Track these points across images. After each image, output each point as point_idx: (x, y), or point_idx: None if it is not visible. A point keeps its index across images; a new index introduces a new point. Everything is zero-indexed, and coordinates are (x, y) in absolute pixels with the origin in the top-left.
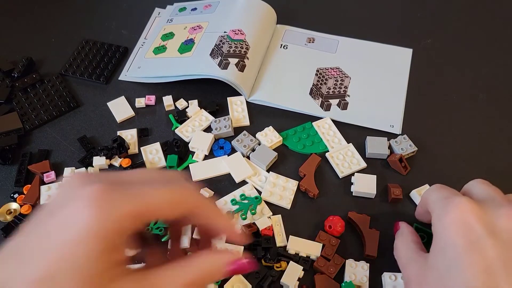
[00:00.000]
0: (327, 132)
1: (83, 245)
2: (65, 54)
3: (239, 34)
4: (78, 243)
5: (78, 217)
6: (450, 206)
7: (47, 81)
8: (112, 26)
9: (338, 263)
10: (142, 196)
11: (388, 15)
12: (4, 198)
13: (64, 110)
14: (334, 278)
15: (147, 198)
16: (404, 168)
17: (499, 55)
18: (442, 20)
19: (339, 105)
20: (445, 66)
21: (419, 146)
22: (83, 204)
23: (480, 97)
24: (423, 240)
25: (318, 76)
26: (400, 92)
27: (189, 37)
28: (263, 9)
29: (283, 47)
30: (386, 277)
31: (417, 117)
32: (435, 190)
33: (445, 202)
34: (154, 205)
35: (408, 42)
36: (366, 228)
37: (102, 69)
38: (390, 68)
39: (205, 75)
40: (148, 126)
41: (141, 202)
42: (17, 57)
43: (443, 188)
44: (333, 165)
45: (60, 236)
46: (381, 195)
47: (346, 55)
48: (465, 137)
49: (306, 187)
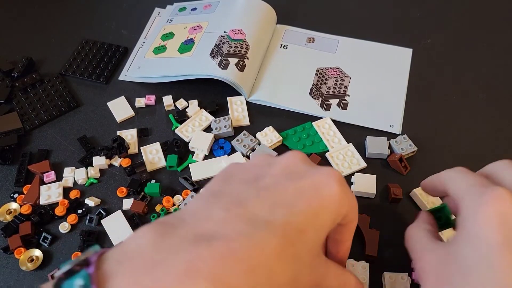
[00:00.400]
0: (327, 132)
1: (330, 215)
2: (65, 54)
3: (239, 34)
4: (329, 211)
5: (332, 190)
6: (487, 197)
7: (47, 81)
8: (112, 26)
9: None
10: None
11: (388, 15)
12: (4, 198)
13: (64, 110)
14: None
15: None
16: (404, 168)
17: (499, 55)
18: (442, 20)
19: (339, 105)
20: (445, 66)
21: (419, 146)
22: (336, 180)
23: (480, 97)
24: (440, 221)
25: (318, 76)
26: (400, 92)
27: (189, 37)
28: (263, 9)
29: (283, 47)
30: (386, 277)
31: (417, 117)
32: (463, 174)
33: (480, 190)
34: (354, 208)
35: (408, 42)
36: (366, 228)
37: (102, 69)
38: (390, 68)
39: (205, 75)
40: (148, 126)
41: (354, 199)
42: (17, 57)
43: (471, 174)
44: (333, 165)
45: (314, 198)
46: (381, 195)
47: (346, 55)
48: (465, 137)
49: None
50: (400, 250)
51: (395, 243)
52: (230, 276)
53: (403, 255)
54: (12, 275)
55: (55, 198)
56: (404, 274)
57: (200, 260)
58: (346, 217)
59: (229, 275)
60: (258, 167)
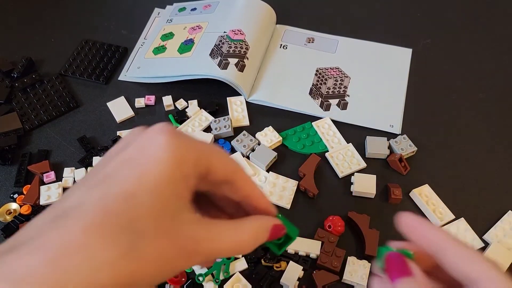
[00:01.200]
0: (327, 132)
1: (164, 166)
2: (65, 54)
3: (239, 34)
4: (159, 164)
5: (157, 142)
6: None
7: (47, 81)
8: (112, 26)
9: (340, 255)
10: (207, 144)
11: (388, 15)
12: (4, 198)
13: (64, 110)
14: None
15: (213, 148)
16: (404, 168)
17: (498, 54)
18: (442, 20)
19: (339, 105)
20: (445, 66)
21: (418, 146)
22: (161, 132)
23: (480, 97)
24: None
25: (318, 76)
26: (399, 92)
27: (188, 37)
28: (262, 9)
29: (283, 47)
30: None
31: (416, 117)
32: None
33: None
34: (217, 157)
35: (408, 42)
36: (366, 228)
37: (101, 69)
38: (389, 68)
39: (205, 75)
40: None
41: (206, 146)
42: (16, 57)
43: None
44: (332, 165)
45: (140, 158)
46: (381, 195)
47: (346, 55)
48: (465, 136)
49: (305, 187)
50: None
51: None
52: (36, 275)
53: None
54: None
55: (55, 198)
56: None
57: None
58: (212, 168)
59: (34, 274)
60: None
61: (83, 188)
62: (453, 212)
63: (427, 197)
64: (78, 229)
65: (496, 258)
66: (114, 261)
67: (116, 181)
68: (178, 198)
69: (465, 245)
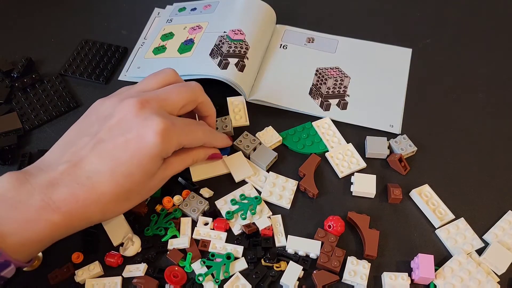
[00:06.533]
0: (327, 132)
1: (155, 152)
2: (64, 54)
3: (239, 34)
4: (152, 151)
5: (152, 131)
6: None
7: (47, 81)
8: (112, 26)
9: (340, 255)
10: (189, 131)
11: (388, 15)
12: None
13: (64, 110)
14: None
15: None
16: (403, 168)
17: (498, 54)
18: (442, 20)
19: (339, 105)
20: (445, 66)
21: (418, 146)
22: (154, 134)
23: (480, 97)
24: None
25: (318, 76)
26: (399, 92)
27: (188, 37)
28: (262, 9)
29: (283, 47)
30: (386, 277)
31: (416, 117)
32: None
33: None
34: (193, 137)
35: (408, 42)
36: (366, 228)
37: (101, 69)
38: (389, 68)
39: (205, 75)
40: None
41: (186, 136)
42: (16, 57)
43: None
44: (332, 165)
45: (139, 144)
46: (381, 195)
47: (346, 55)
48: (465, 136)
49: (306, 187)
50: (400, 250)
51: (395, 243)
52: (72, 211)
53: (403, 255)
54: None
55: None
56: (404, 274)
57: (50, 200)
58: (187, 144)
59: (73, 210)
60: (98, 120)
61: (95, 153)
62: (453, 212)
63: (427, 197)
64: (99, 191)
65: (496, 258)
66: (115, 209)
67: (122, 161)
68: (157, 167)
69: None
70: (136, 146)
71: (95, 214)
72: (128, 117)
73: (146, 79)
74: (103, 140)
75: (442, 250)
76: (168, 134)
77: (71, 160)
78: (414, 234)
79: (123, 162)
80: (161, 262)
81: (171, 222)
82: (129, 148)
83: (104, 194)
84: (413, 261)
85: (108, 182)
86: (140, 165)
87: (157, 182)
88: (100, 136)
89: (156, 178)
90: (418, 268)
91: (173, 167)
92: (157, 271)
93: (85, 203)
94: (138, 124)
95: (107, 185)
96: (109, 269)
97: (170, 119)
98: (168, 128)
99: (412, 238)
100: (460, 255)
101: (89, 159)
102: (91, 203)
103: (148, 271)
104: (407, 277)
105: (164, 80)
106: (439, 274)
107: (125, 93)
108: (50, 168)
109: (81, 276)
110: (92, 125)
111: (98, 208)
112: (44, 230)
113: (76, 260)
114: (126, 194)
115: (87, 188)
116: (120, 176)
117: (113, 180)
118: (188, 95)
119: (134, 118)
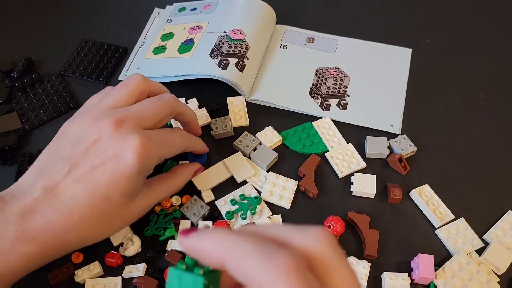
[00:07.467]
0: (327, 132)
1: (132, 172)
2: (64, 54)
3: (239, 34)
4: (129, 172)
5: (125, 154)
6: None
7: (47, 81)
8: (111, 26)
9: None
10: (167, 142)
11: (388, 15)
12: None
13: (64, 110)
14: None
15: (165, 137)
16: (403, 168)
17: (498, 54)
18: (442, 20)
19: (339, 105)
20: (445, 66)
21: (418, 146)
22: (132, 152)
23: (480, 97)
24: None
25: (318, 76)
26: (399, 92)
27: (188, 37)
28: (262, 9)
29: (283, 47)
30: (386, 277)
31: (416, 117)
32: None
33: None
34: (172, 150)
35: (408, 42)
36: (366, 228)
37: (101, 69)
38: (389, 68)
39: (205, 75)
40: None
41: (165, 149)
42: (16, 57)
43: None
44: (332, 165)
45: (115, 166)
46: (381, 195)
47: (346, 55)
48: (465, 136)
49: (306, 187)
50: (400, 250)
51: (395, 243)
52: (48, 241)
53: (403, 255)
54: None
55: None
56: (404, 274)
57: (25, 230)
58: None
59: (50, 240)
60: (72, 142)
61: (70, 178)
62: (453, 212)
63: (427, 197)
64: (77, 217)
65: (496, 258)
66: (95, 235)
67: (99, 184)
68: (137, 188)
69: (246, 248)
70: (113, 167)
71: (73, 242)
72: (103, 138)
73: (115, 91)
74: (78, 164)
75: (442, 250)
76: (146, 151)
77: (46, 186)
78: (414, 234)
79: (101, 185)
80: (161, 262)
81: (171, 222)
82: (106, 170)
83: (82, 220)
84: (413, 261)
85: (85, 207)
86: (119, 185)
87: (140, 209)
88: (75, 159)
89: (138, 204)
90: (418, 268)
91: (156, 194)
92: (157, 271)
93: (63, 231)
94: (114, 145)
95: (84, 210)
96: (109, 269)
97: (147, 135)
98: (145, 145)
99: (412, 238)
100: (460, 255)
101: (65, 184)
102: (69, 231)
103: (148, 271)
104: (407, 277)
105: (135, 89)
106: (439, 274)
107: (96, 111)
108: (24, 195)
109: (81, 276)
110: (66, 147)
111: (77, 236)
112: (18, 263)
113: (76, 260)
114: (106, 219)
115: (64, 216)
116: (98, 199)
117: (91, 204)
118: (164, 110)
119: (110, 139)
